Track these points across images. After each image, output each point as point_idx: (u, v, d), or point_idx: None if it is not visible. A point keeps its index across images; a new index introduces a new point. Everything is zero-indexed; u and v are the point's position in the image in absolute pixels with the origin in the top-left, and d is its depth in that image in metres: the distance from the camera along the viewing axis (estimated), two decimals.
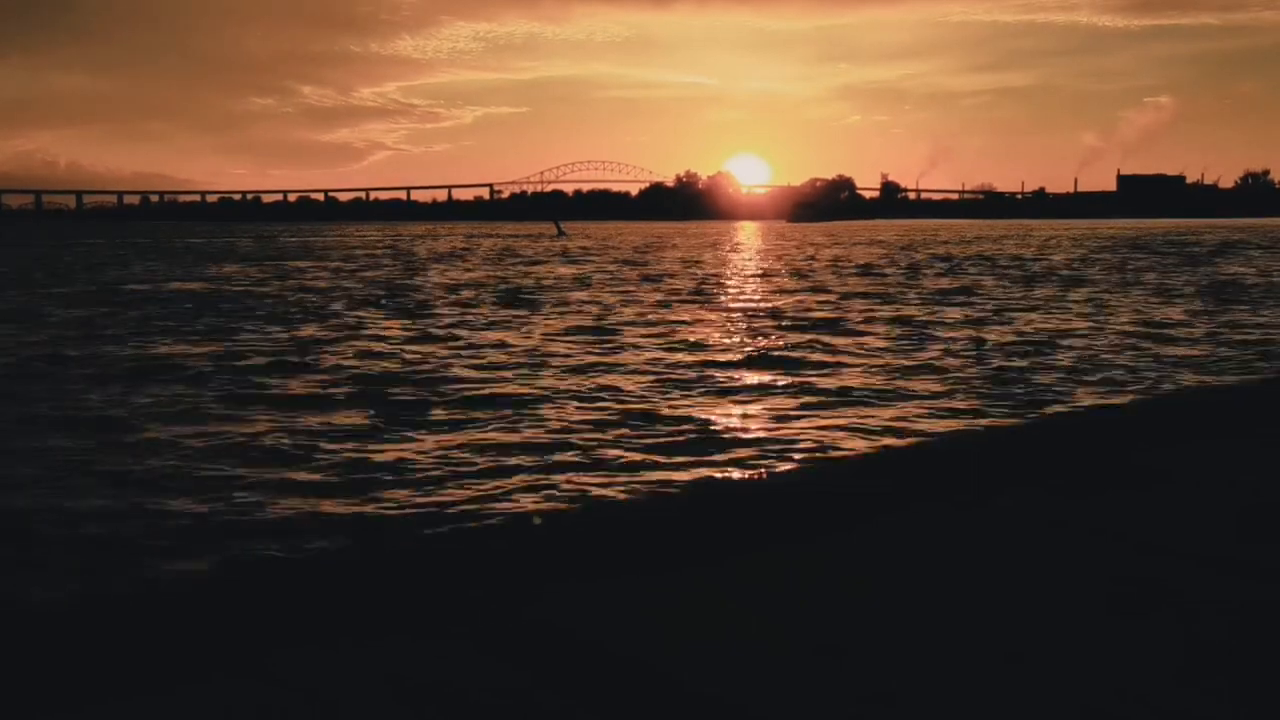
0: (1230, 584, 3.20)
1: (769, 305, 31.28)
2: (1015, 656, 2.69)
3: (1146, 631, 2.85)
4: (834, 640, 2.75)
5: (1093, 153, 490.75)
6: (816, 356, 19.46)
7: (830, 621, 2.88)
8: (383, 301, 33.11)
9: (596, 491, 10.15)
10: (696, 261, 61.61)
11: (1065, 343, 21.50)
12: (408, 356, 19.78)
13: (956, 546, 3.50)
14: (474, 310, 29.86)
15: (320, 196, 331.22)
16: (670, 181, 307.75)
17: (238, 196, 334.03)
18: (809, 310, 29.28)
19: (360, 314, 28.96)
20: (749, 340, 22.46)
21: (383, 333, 24.06)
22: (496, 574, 3.24)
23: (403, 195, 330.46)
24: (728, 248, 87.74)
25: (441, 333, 23.96)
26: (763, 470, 11.07)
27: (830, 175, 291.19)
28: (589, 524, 4.23)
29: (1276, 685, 2.59)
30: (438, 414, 13.93)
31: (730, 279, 45.22)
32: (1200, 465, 4.59)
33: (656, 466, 11.11)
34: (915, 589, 3.13)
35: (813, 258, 64.65)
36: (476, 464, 11.19)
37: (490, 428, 13.02)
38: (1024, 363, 18.62)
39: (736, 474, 10.90)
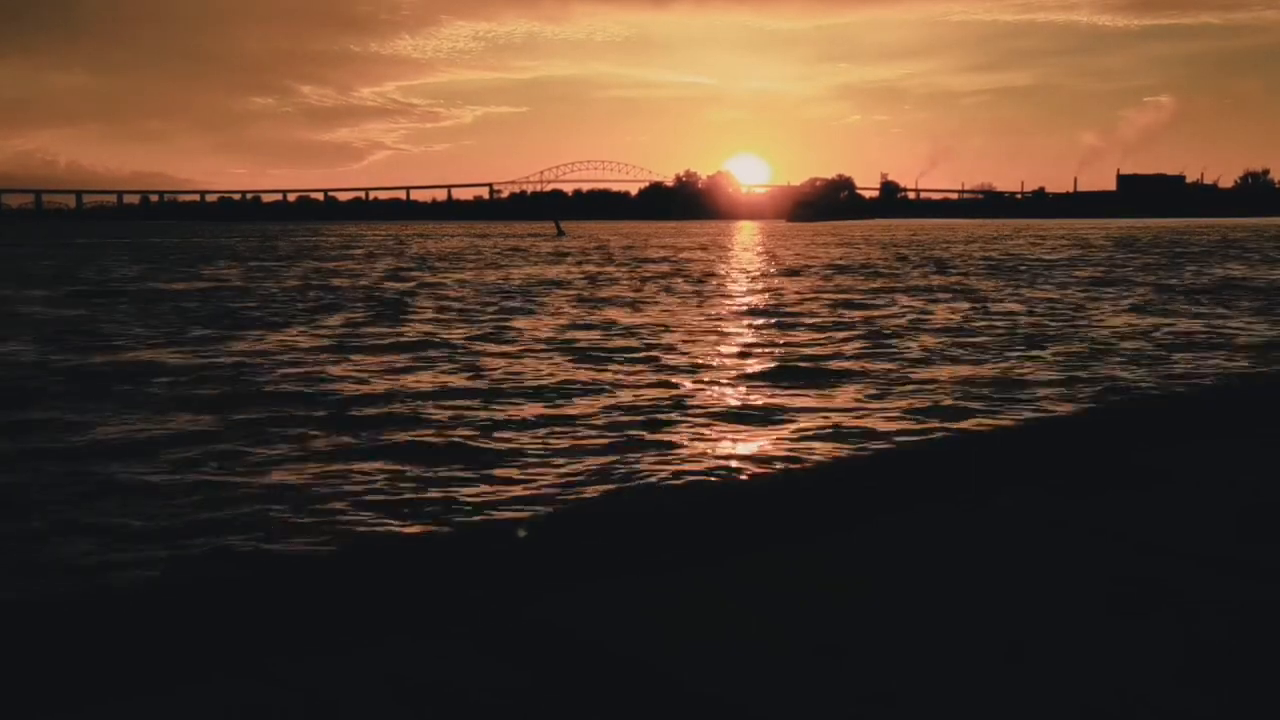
0: (1230, 584, 3.20)
1: (766, 304, 31.28)
2: (1015, 656, 2.69)
3: (1146, 631, 2.85)
4: (834, 640, 2.75)
5: (1093, 152, 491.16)
6: (816, 354, 19.45)
7: (830, 621, 2.88)
8: (363, 301, 33.13)
9: (596, 491, 10.14)
10: (699, 260, 61.60)
11: (1071, 340, 21.49)
12: (405, 355, 19.77)
13: (956, 546, 3.50)
14: (463, 311, 29.85)
15: (320, 196, 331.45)
16: (670, 181, 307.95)
17: (237, 196, 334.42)
18: (805, 308, 29.28)
19: (355, 313, 28.96)
20: (746, 340, 22.45)
21: (378, 333, 24.06)
22: (496, 574, 3.24)
23: (402, 195, 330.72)
24: (729, 246, 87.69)
25: (434, 333, 23.94)
26: (763, 470, 11.07)
27: (830, 175, 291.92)
28: (588, 523, 4.22)
29: (1276, 685, 2.59)
30: (435, 413, 13.92)
31: (731, 277, 45.20)
32: (1200, 465, 4.59)
33: (656, 466, 11.10)
34: (915, 589, 3.13)
35: (838, 261, 64.60)
36: (476, 463, 11.18)
37: (490, 427, 13.01)
38: (1031, 359, 18.62)
39: (737, 474, 10.90)
